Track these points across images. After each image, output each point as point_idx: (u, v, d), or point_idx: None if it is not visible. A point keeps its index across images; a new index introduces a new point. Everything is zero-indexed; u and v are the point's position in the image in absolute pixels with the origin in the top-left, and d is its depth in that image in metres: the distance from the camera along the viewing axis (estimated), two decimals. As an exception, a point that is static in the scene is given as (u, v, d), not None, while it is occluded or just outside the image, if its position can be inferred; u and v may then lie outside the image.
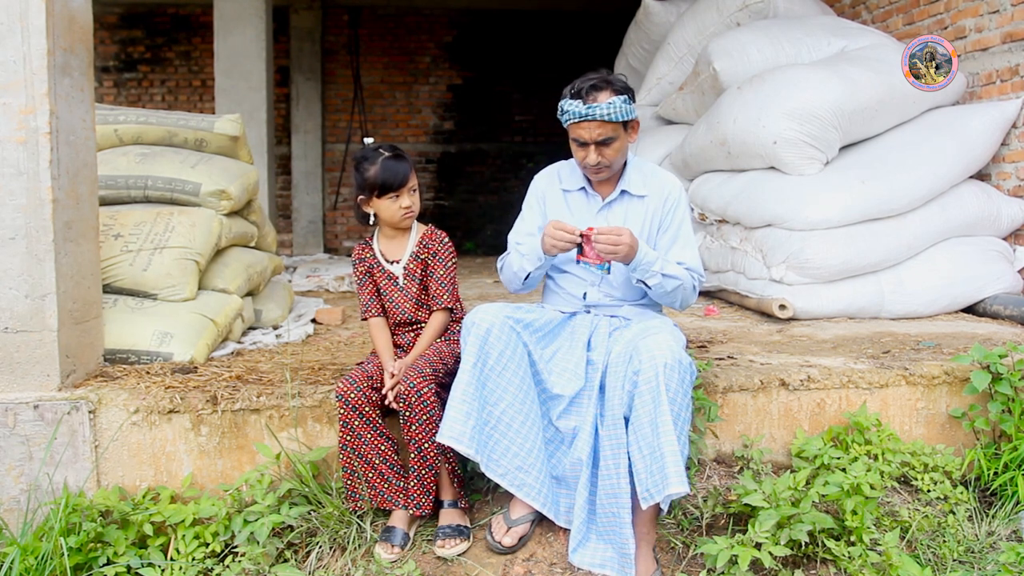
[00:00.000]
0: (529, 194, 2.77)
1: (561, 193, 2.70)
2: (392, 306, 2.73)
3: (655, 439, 2.21)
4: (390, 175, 2.64)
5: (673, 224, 2.63)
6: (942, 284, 3.91)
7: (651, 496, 2.20)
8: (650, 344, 2.31)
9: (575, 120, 2.48)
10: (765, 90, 4.23)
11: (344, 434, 2.46)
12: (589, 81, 2.50)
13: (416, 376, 2.40)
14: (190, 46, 9.75)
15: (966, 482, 2.74)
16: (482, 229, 10.23)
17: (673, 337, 2.39)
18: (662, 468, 2.17)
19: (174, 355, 2.93)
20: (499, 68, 10.11)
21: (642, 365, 2.27)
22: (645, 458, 2.23)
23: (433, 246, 2.74)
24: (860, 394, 2.81)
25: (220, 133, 3.70)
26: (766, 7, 5.14)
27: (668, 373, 2.24)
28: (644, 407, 2.25)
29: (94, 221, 2.80)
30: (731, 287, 4.34)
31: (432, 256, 2.72)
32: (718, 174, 4.73)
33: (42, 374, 2.55)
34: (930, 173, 3.95)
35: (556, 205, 2.70)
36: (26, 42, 2.47)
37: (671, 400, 2.22)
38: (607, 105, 2.44)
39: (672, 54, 5.55)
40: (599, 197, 2.65)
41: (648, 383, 2.25)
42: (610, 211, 2.64)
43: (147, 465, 2.58)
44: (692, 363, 2.38)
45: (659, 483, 2.18)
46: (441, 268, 2.72)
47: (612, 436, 2.32)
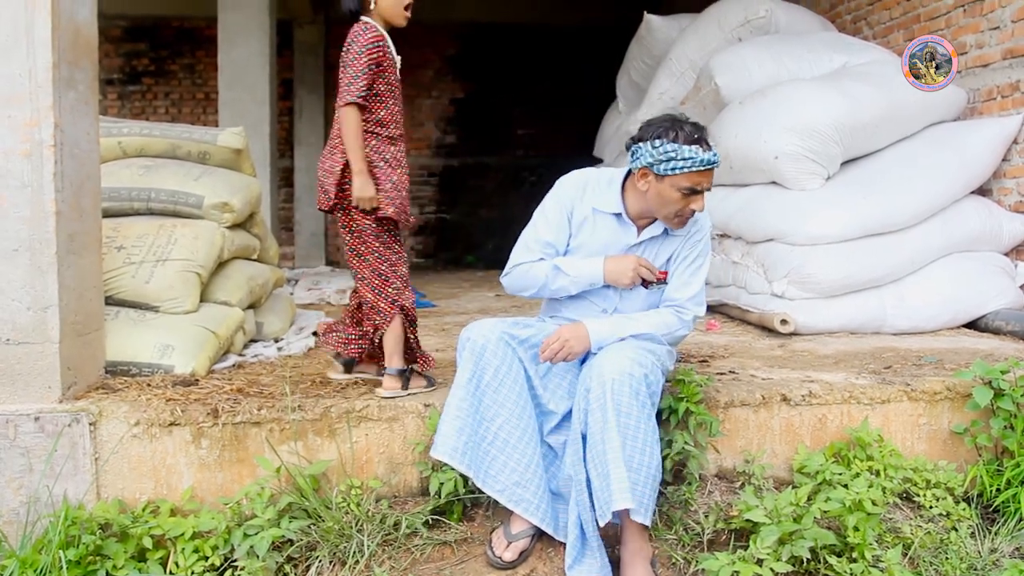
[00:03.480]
0: (553, 199, 2.59)
1: (591, 211, 2.54)
2: (400, 94, 2.78)
3: (603, 455, 2.22)
4: None
5: (684, 262, 2.56)
6: (944, 299, 3.90)
7: (604, 513, 2.21)
8: (602, 361, 2.31)
9: (699, 168, 2.35)
10: (767, 105, 4.25)
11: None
12: (699, 128, 2.40)
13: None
14: (194, 59, 9.79)
15: (969, 498, 2.73)
16: (484, 243, 10.23)
17: (634, 353, 2.32)
18: (608, 485, 2.18)
19: (175, 367, 2.93)
20: (502, 82, 10.15)
21: (592, 383, 2.28)
22: (598, 475, 2.23)
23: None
24: (862, 409, 2.80)
25: (223, 146, 3.72)
26: (768, 23, 5.16)
27: (616, 388, 2.23)
28: (595, 424, 2.25)
29: (97, 233, 2.81)
30: (732, 302, 4.34)
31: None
32: (720, 189, 4.73)
33: (43, 386, 2.55)
34: (931, 188, 3.96)
35: (584, 224, 2.55)
36: (31, 55, 2.49)
37: (620, 415, 2.22)
38: (717, 154, 2.42)
39: (674, 69, 5.57)
40: (635, 230, 2.53)
41: (597, 400, 2.25)
42: (641, 248, 2.56)
43: (147, 478, 2.57)
44: (648, 375, 2.29)
45: (607, 499, 2.19)
46: None
47: (574, 453, 2.33)
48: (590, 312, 2.58)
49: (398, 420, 2.64)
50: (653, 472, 2.27)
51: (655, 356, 2.41)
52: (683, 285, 2.56)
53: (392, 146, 2.80)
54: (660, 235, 2.56)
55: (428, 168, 10.25)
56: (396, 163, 2.80)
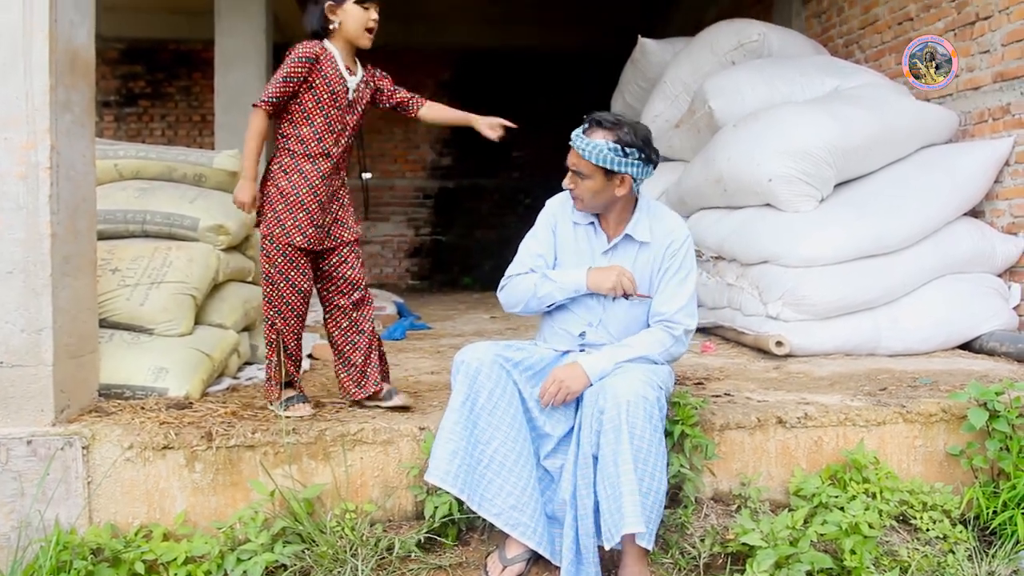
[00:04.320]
0: (541, 218, 2.73)
1: (571, 224, 2.66)
2: (336, 116, 2.77)
3: (616, 478, 2.21)
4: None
5: (667, 274, 2.58)
6: (937, 321, 3.91)
7: (612, 536, 2.20)
8: (616, 382, 2.31)
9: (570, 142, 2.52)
10: (760, 128, 4.28)
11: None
12: (599, 117, 2.51)
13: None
14: (190, 81, 9.84)
15: (965, 521, 2.72)
16: (480, 264, 10.25)
17: (645, 376, 2.36)
18: (620, 508, 2.18)
19: (169, 390, 2.92)
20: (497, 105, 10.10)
21: (606, 403, 2.28)
22: (608, 498, 2.23)
23: (380, 76, 2.92)
24: (857, 432, 2.80)
25: (219, 168, 3.73)
26: (760, 46, 5.20)
27: (632, 411, 2.24)
28: (608, 446, 2.25)
29: (92, 255, 2.81)
30: (728, 323, 4.34)
31: (381, 82, 2.92)
32: (714, 211, 4.76)
33: (36, 409, 2.53)
34: (924, 210, 3.98)
35: (565, 237, 2.67)
36: (29, 78, 2.50)
37: (633, 438, 2.22)
38: (589, 143, 2.46)
39: (668, 92, 5.61)
40: (605, 238, 2.63)
41: (611, 421, 2.25)
42: (615, 254, 2.61)
43: (140, 502, 2.55)
44: (660, 398, 2.35)
45: (617, 522, 2.18)
46: (394, 84, 2.95)
47: (584, 476, 2.33)
48: (576, 323, 2.61)
49: (393, 443, 2.63)
50: (660, 497, 2.28)
51: (659, 378, 2.43)
52: (670, 297, 2.57)
53: (310, 164, 2.77)
54: (623, 242, 2.60)
55: (424, 190, 10.29)
56: (305, 183, 2.77)
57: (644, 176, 2.52)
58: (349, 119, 2.82)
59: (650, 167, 2.52)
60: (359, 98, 2.85)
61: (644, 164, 2.49)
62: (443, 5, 9.13)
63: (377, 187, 9.80)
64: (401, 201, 10.25)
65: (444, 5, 9.14)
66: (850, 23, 5.64)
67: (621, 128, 2.48)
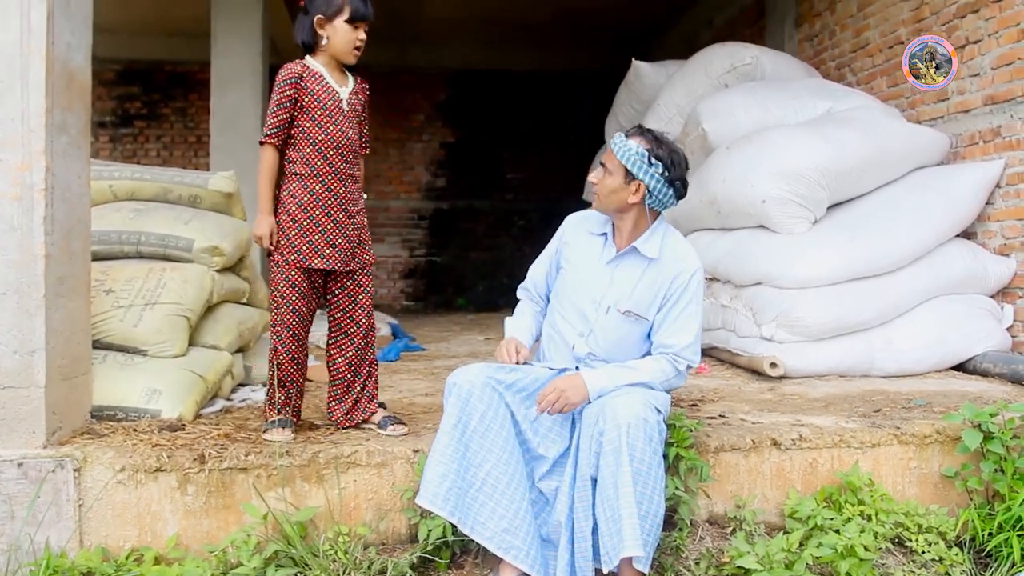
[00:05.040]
0: (556, 234, 2.79)
1: (586, 234, 2.70)
2: (336, 131, 2.76)
3: (616, 501, 2.21)
4: (361, 3, 2.72)
5: (676, 306, 2.57)
6: (931, 342, 3.92)
7: (611, 560, 2.19)
8: (616, 404, 2.31)
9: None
10: (753, 150, 4.30)
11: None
12: (648, 128, 2.58)
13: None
14: (186, 102, 9.87)
15: (961, 543, 2.71)
16: (474, 286, 10.25)
17: (644, 398, 2.37)
18: (619, 531, 2.17)
19: (163, 412, 2.91)
20: (491, 126, 10.26)
21: (606, 425, 2.28)
22: (607, 520, 2.22)
23: (366, 92, 2.89)
24: (852, 453, 2.80)
25: (214, 190, 3.72)
26: (753, 69, 5.25)
27: (632, 433, 2.24)
28: (608, 468, 2.25)
29: (86, 277, 2.80)
30: (722, 345, 4.34)
31: (366, 103, 2.90)
32: (708, 232, 4.78)
33: (27, 431, 2.52)
34: (917, 232, 4.00)
35: (576, 247, 2.70)
36: (25, 100, 2.50)
37: (633, 460, 2.22)
38: (624, 142, 2.52)
39: (662, 114, 5.64)
40: (614, 250, 2.64)
41: (611, 443, 2.25)
42: (619, 266, 2.62)
43: (131, 525, 2.53)
44: (660, 422, 2.36)
45: (617, 545, 2.17)
46: (368, 117, 2.93)
47: (582, 498, 2.32)
48: (570, 332, 2.63)
49: (387, 466, 2.62)
50: (658, 520, 2.27)
51: (658, 401, 2.44)
52: (678, 331, 2.57)
53: (319, 184, 2.78)
54: (630, 254, 2.61)
55: (418, 211, 10.31)
56: (317, 204, 2.78)
57: (661, 195, 2.52)
58: (350, 132, 2.82)
59: (671, 191, 2.52)
60: (351, 110, 2.84)
61: (665, 184, 2.50)
62: (439, 27, 9.20)
63: (372, 208, 9.72)
64: (396, 222, 10.27)
65: (439, 27, 9.21)
66: (842, 46, 5.70)
67: (660, 144, 2.53)
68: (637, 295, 2.57)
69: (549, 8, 8.58)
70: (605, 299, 2.59)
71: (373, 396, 2.94)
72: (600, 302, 2.59)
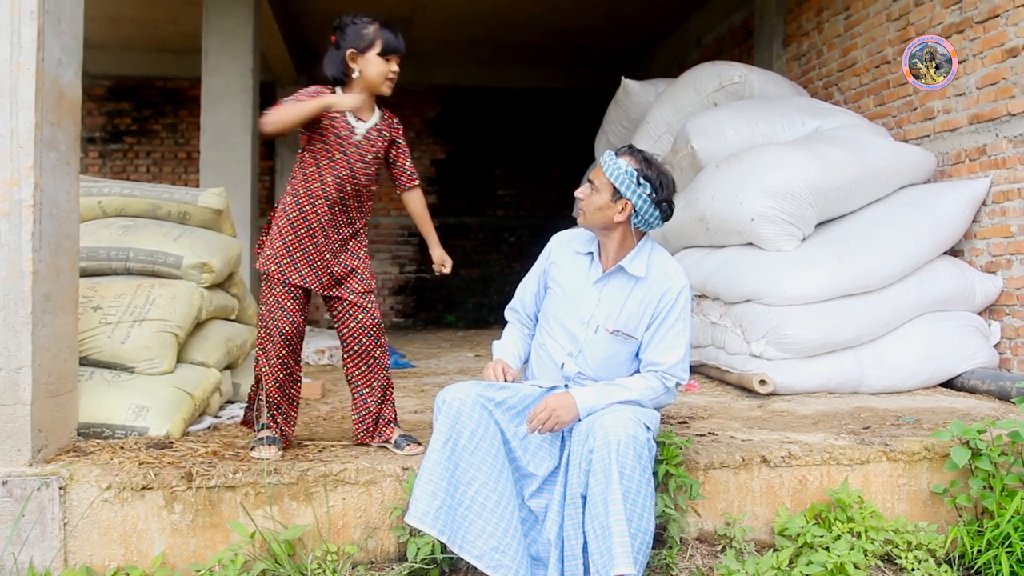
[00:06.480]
0: (542, 253, 2.81)
1: (572, 254, 2.71)
2: (342, 159, 2.75)
3: (606, 518, 2.20)
4: (393, 36, 2.74)
5: (664, 324, 2.57)
6: (920, 359, 3.94)
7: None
8: (605, 422, 2.31)
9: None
10: (742, 168, 4.33)
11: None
12: (639, 149, 2.59)
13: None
14: (176, 119, 9.87)
15: (950, 560, 2.71)
16: (464, 302, 10.25)
17: (634, 415, 2.36)
18: (610, 548, 2.17)
19: (150, 429, 2.89)
20: (482, 143, 10.29)
21: (596, 443, 2.28)
22: (597, 537, 2.22)
23: (396, 128, 2.88)
24: (841, 470, 2.80)
25: (204, 206, 3.72)
26: (742, 88, 5.29)
27: (622, 451, 2.24)
28: (597, 485, 2.25)
29: (74, 293, 2.79)
30: (712, 362, 4.35)
31: (397, 138, 2.89)
32: (697, 250, 4.80)
33: (13, 449, 2.49)
34: (905, 249, 4.03)
35: (562, 267, 2.71)
36: (15, 116, 2.50)
37: (623, 478, 2.22)
38: (614, 160, 2.54)
39: (651, 132, 5.67)
40: (600, 269, 2.64)
41: (601, 461, 2.25)
42: (607, 286, 2.62)
43: (117, 544, 2.50)
44: (650, 439, 2.37)
45: (607, 563, 2.17)
46: (406, 149, 2.93)
47: (572, 516, 2.32)
48: (558, 351, 2.63)
49: (376, 484, 2.61)
50: (648, 537, 2.27)
51: (647, 419, 2.44)
52: (668, 349, 2.57)
53: (310, 204, 2.78)
54: (616, 273, 2.62)
55: (408, 228, 10.30)
56: (304, 223, 2.78)
57: (647, 216, 2.53)
58: (357, 166, 2.79)
59: (657, 212, 2.54)
60: (370, 146, 2.81)
61: (652, 205, 2.52)
62: (431, 45, 9.25)
63: (362, 224, 9.82)
64: (386, 239, 10.27)
65: (432, 45, 9.26)
66: (829, 66, 5.76)
67: (649, 164, 2.54)
68: (625, 314, 2.58)
69: (539, 28, 8.64)
70: (593, 319, 2.59)
71: (390, 420, 2.91)
72: (588, 322, 2.60)
